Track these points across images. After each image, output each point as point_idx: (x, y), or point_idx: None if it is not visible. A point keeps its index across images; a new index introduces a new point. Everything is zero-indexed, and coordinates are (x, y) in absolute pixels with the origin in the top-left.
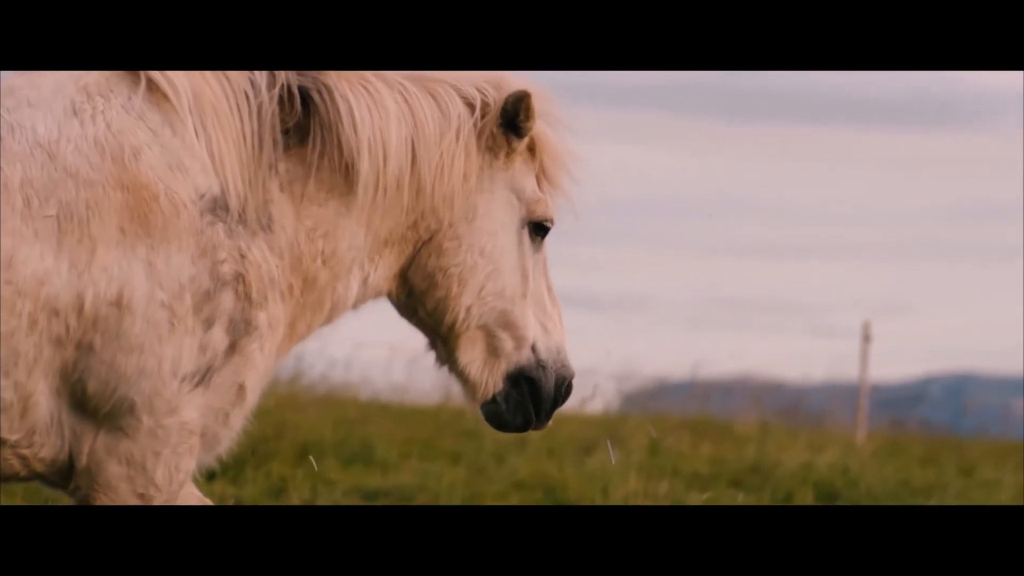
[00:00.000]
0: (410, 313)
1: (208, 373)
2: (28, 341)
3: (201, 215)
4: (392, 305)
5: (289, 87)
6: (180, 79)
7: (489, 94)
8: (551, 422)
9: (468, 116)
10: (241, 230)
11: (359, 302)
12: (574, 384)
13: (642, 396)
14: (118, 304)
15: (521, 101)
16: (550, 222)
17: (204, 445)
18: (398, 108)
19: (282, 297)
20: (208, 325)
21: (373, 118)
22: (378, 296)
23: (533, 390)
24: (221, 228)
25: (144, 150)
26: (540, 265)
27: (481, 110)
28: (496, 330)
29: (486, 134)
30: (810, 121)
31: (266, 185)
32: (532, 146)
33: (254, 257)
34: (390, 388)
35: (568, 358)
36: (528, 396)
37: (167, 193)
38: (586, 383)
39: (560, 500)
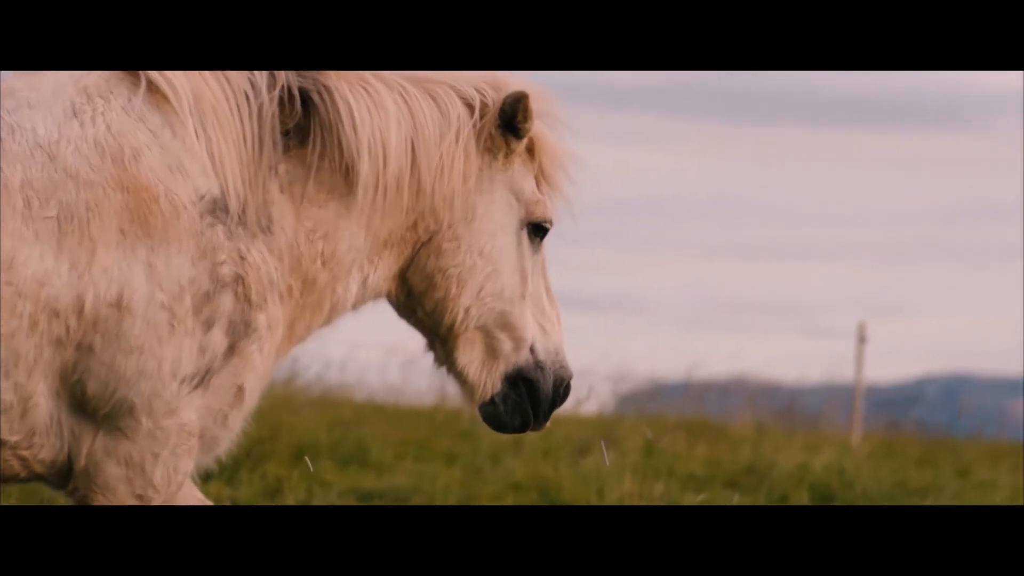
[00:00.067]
0: (409, 314)
1: (207, 375)
2: (28, 342)
3: (201, 217)
4: (391, 306)
5: (289, 88)
6: (180, 80)
7: (488, 95)
8: (549, 423)
9: (468, 117)
10: (241, 232)
11: (359, 303)
12: (572, 385)
13: (638, 397)
14: (118, 305)
15: (519, 102)
16: (549, 223)
17: (203, 447)
18: (398, 109)
19: (281, 299)
20: (208, 327)
21: (373, 119)
22: (377, 297)
23: (531, 391)
24: (221, 230)
25: (144, 151)
26: (539, 266)
27: (480, 111)
28: (495, 331)
29: (485, 135)
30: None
31: (266, 186)
32: (531, 147)
33: (253, 259)
34: (385, 389)
35: (566, 359)
36: (526, 397)
37: (167, 195)
38: (582, 384)
39: (555, 501)
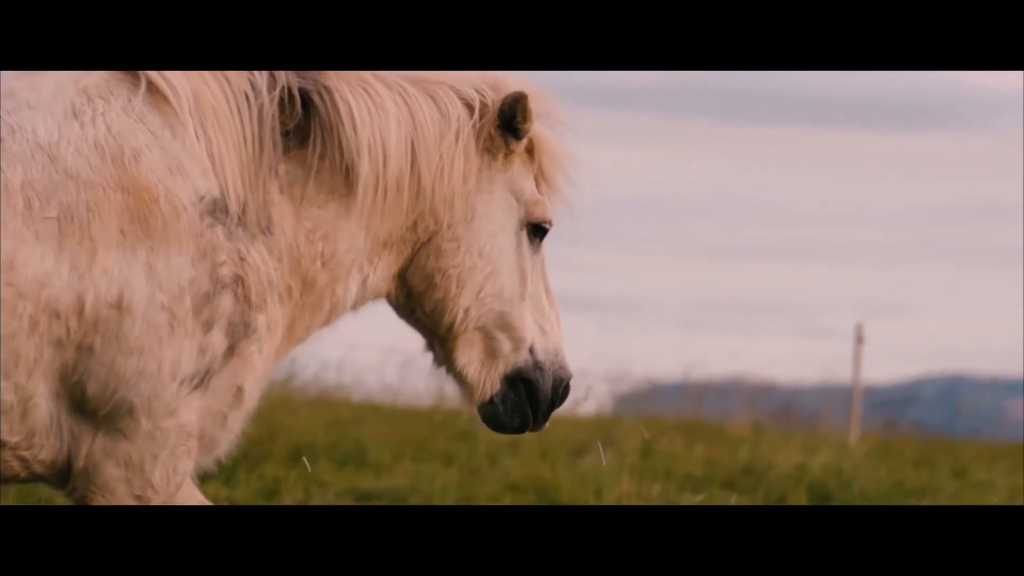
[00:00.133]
0: (408, 314)
1: (207, 375)
2: (29, 343)
3: (201, 218)
4: (391, 306)
5: (289, 89)
6: (180, 81)
7: (488, 95)
8: (548, 423)
9: (467, 118)
10: (241, 232)
11: (358, 303)
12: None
13: (635, 398)
14: (118, 306)
15: (518, 103)
16: (548, 224)
17: (202, 447)
18: (398, 110)
19: (281, 299)
20: (207, 328)
21: (373, 120)
22: (377, 297)
23: (530, 392)
24: (221, 231)
25: (144, 152)
26: (538, 267)
27: (480, 111)
28: (494, 331)
29: (484, 135)
30: (810, 122)
31: (266, 187)
32: (531, 147)
33: (253, 260)
34: (383, 390)
35: (565, 360)
36: (525, 398)
37: (167, 195)
38: (579, 385)
39: (553, 502)
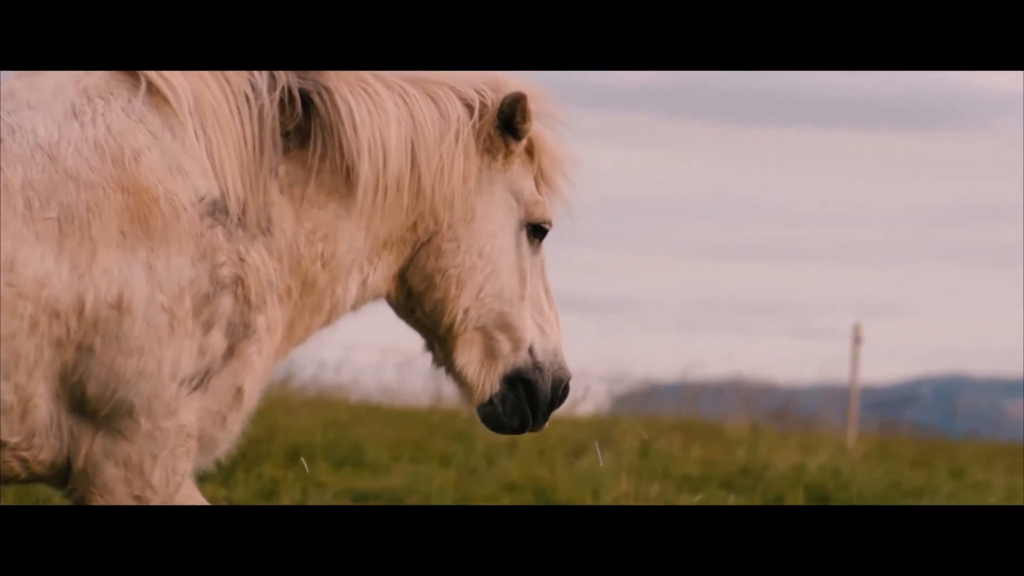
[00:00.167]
0: (408, 314)
1: (207, 376)
2: (29, 343)
3: (201, 218)
4: (390, 306)
5: (290, 90)
6: (180, 82)
7: (487, 95)
8: (547, 424)
9: (467, 118)
10: (240, 233)
11: (358, 304)
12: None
13: (633, 398)
14: (118, 306)
15: (517, 103)
16: (548, 224)
17: (202, 448)
18: (398, 110)
19: (280, 300)
20: (207, 328)
21: (373, 120)
22: (377, 298)
23: (530, 392)
24: (220, 231)
25: (144, 153)
26: (538, 267)
27: (479, 112)
28: (494, 332)
29: (484, 136)
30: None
31: (266, 188)
32: (530, 148)
33: (253, 260)
34: (381, 390)
35: (565, 360)
36: (525, 398)
37: (167, 196)
38: (577, 385)
39: (551, 502)
